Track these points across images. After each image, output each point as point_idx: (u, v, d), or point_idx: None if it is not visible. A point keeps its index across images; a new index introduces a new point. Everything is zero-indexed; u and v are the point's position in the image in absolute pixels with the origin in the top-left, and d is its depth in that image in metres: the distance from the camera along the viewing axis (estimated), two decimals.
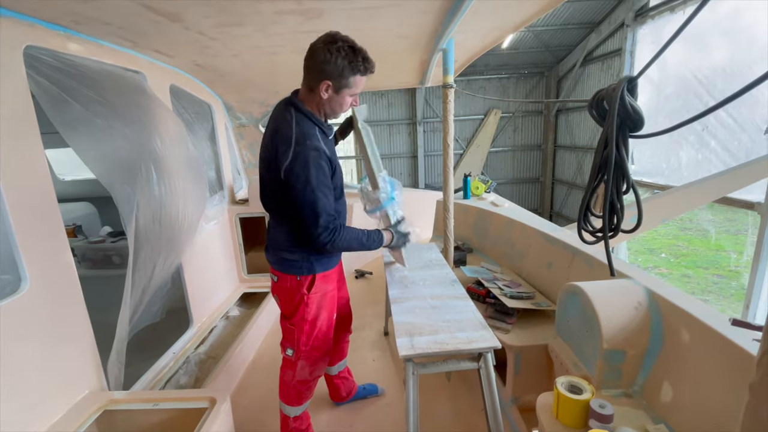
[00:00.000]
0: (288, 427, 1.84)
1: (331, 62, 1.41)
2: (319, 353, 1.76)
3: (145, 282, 1.94)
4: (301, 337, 1.69)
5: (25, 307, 1.40)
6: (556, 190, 13.01)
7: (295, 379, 1.75)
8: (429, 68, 2.87)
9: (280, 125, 1.49)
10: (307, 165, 1.42)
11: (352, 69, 1.43)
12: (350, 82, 1.47)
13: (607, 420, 1.20)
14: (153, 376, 2.13)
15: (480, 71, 12.21)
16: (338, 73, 1.43)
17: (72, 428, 1.48)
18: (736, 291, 8.05)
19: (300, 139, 1.43)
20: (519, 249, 2.64)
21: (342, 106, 1.54)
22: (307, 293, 1.64)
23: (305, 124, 1.49)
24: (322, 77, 1.44)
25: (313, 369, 1.77)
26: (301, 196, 1.44)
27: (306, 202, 1.45)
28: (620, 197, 1.38)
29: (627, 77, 1.27)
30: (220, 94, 3.36)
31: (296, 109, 1.51)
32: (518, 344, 1.87)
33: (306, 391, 1.81)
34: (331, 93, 1.48)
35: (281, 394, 1.82)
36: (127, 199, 1.77)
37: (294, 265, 1.63)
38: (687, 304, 1.33)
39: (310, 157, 1.42)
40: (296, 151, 1.42)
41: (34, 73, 1.52)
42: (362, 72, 1.47)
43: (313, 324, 1.69)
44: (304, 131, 1.46)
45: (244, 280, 3.52)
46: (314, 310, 1.68)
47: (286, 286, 1.66)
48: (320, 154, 1.45)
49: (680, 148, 7.08)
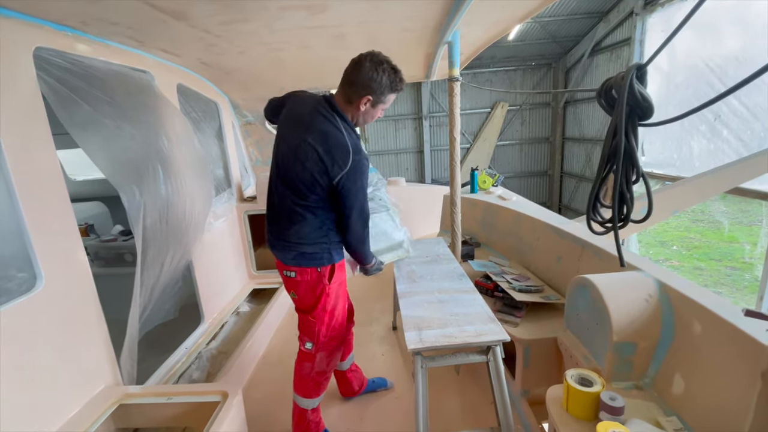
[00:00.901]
0: (306, 420, 1.88)
1: (376, 80, 1.53)
2: (336, 342, 1.83)
3: (154, 280, 1.97)
4: (321, 329, 1.75)
5: (40, 305, 1.44)
6: (565, 183, 12.88)
7: (314, 371, 1.80)
8: (434, 61, 2.84)
9: (330, 131, 1.56)
10: (363, 174, 1.58)
11: (391, 88, 1.58)
12: (387, 98, 1.62)
13: (618, 412, 1.19)
14: (166, 371, 2.17)
15: (486, 64, 12.09)
16: (380, 91, 1.56)
17: (89, 422, 1.52)
18: (750, 283, 7.91)
19: (356, 149, 1.56)
20: (528, 243, 2.62)
21: (373, 118, 1.67)
22: (327, 284, 1.70)
23: (354, 135, 1.61)
24: (365, 92, 1.55)
25: (330, 359, 1.83)
26: (354, 199, 1.59)
27: (357, 205, 1.61)
28: (630, 187, 1.37)
29: (636, 64, 1.25)
30: (227, 92, 3.38)
31: (341, 117, 1.60)
32: (527, 337, 1.87)
33: (324, 382, 1.86)
34: (368, 107, 1.60)
35: (297, 387, 1.85)
36: (135, 199, 1.79)
37: (315, 257, 1.68)
38: (698, 295, 1.31)
39: (364, 167, 1.58)
40: (354, 160, 1.54)
41: (44, 75, 1.54)
42: (398, 91, 1.62)
43: (332, 314, 1.75)
44: (355, 142, 1.59)
45: (254, 276, 3.55)
46: (333, 299, 1.74)
47: (306, 279, 1.70)
48: (367, 164, 1.61)
49: (691, 138, 6.95)
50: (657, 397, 1.35)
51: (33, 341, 1.40)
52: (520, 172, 13.24)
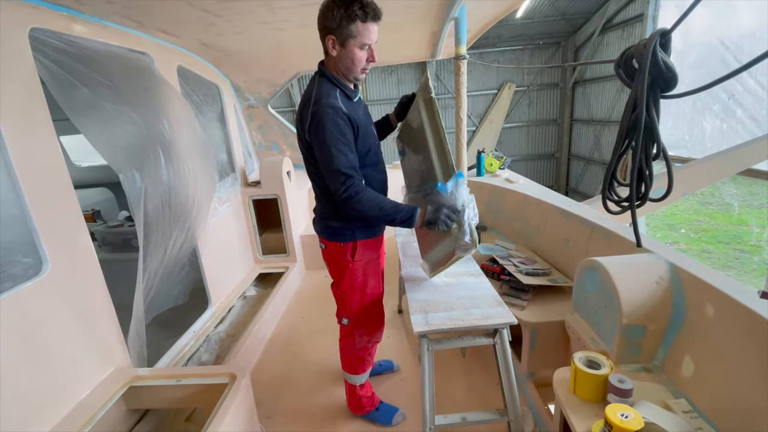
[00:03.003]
0: (356, 396, 1.93)
1: (329, 15, 1.37)
2: (373, 319, 1.82)
3: (157, 264, 1.97)
4: (353, 305, 1.75)
5: (47, 289, 1.44)
6: (573, 165, 12.70)
7: (355, 348, 1.83)
8: (440, 39, 2.76)
9: (306, 91, 1.51)
10: (322, 122, 1.41)
11: (349, 16, 1.35)
12: (352, 31, 1.38)
13: (626, 395, 1.18)
14: (175, 354, 2.20)
15: (493, 43, 11.79)
16: (337, 24, 1.37)
17: (100, 404, 1.54)
18: (759, 266, 7.84)
19: (318, 98, 1.43)
20: (535, 225, 2.59)
21: (354, 61, 1.45)
22: (351, 260, 1.68)
23: (325, 86, 1.48)
24: (325, 33, 1.42)
25: (370, 336, 1.84)
26: (321, 153, 1.44)
27: (324, 160, 1.44)
28: (649, 163, 1.30)
29: (660, 30, 1.16)
30: (228, 75, 3.32)
31: (321, 74, 1.52)
32: (534, 321, 1.86)
33: (368, 358, 1.89)
34: (338, 48, 1.43)
35: (344, 364, 1.90)
36: (135, 184, 1.78)
37: (337, 232, 1.67)
38: (711, 277, 1.28)
39: (325, 114, 1.41)
40: (314, 111, 1.42)
41: (41, 57, 1.51)
42: (362, 18, 1.37)
43: (362, 291, 1.74)
44: (322, 91, 1.45)
45: (260, 261, 3.57)
46: (361, 277, 1.72)
47: (332, 252, 1.71)
48: (336, 111, 1.42)
49: (704, 118, 6.78)
50: (666, 379, 1.33)
51: (41, 325, 1.42)
52: (526, 155, 13.06)
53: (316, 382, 2.30)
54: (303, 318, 3.04)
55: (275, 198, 3.41)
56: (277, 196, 3.40)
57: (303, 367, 2.44)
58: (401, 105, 1.84)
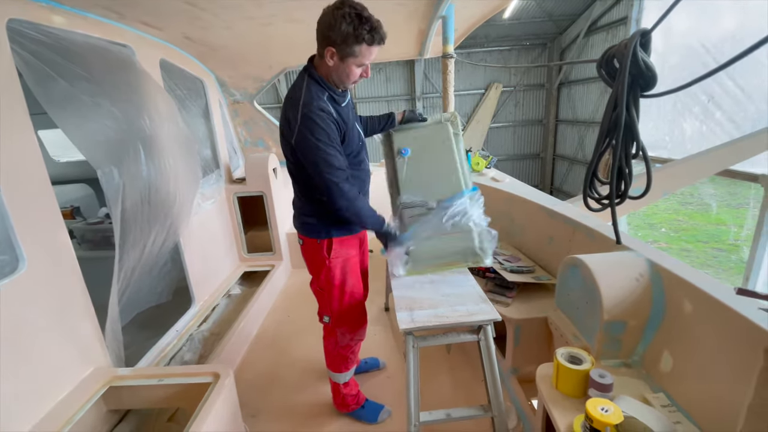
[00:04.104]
0: (340, 394, 1.93)
1: (335, 28, 1.35)
2: (354, 317, 1.82)
3: (134, 263, 1.93)
4: (332, 303, 1.75)
5: (24, 287, 1.40)
6: (557, 165, 12.90)
7: (338, 346, 1.83)
8: (428, 37, 2.77)
9: (292, 91, 1.51)
10: (313, 124, 1.42)
11: (356, 37, 1.36)
12: (355, 51, 1.39)
13: (606, 389, 1.21)
14: (157, 354, 2.16)
15: (480, 43, 11.87)
16: (342, 40, 1.37)
17: (79, 404, 1.51)
18: (736, 264, 8.09)
19: (307, 101, 1.43)
20: (519, 224, 2.62)
21: (349, 76, 1.47)
22: (328, 257, 1.68)
23: (314, 88, 1.48)
24: (326, 43, 1.41)
25: (353, 335, 1.84)
26: (311, 155, 1.45)
27: (317, 161, 1.45)
28: (629, 162, 1.33)
29: (640, 30, 1.19)
30: (213, 69, 3.27)
31: (309, 75, 1.50)
32: (518, 317, 1.88)
33: (351, 356, 1.88)
34: (336, 61, 1.43)
35: (327, 362, 1.90)
36: (113, 180, 1.74)
37: (313, 229, 1.68)
38: (690, 275, 1.31)
39: (317, 117, 1.42)
40: (303, 113, 1.42)
41: (18, 48, 1.46)
42: (368, 41, 1.38)
43: (341, 289, 1.74)
44: (311, 94, 1.46)
45: (245, 259, 3.53)
46: (339, 275, 1.72)
47: (310, 248, 1.72)
48: (327, 114, 1.44)
49: (684, 120, 6.94)
50: (645, 374, 1.37)
51: (18, 324, 1.37)
52: (512, 155, 13.21)
53: (301, 380, 2.29)
54: (289, 316, 3.02)
55: (261, 195, 3.37)
56: (263, 193, 3.36)
57: (288, 366, 2.42)
58: (409, 119, 1.95)
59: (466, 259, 1.74)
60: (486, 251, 1.69)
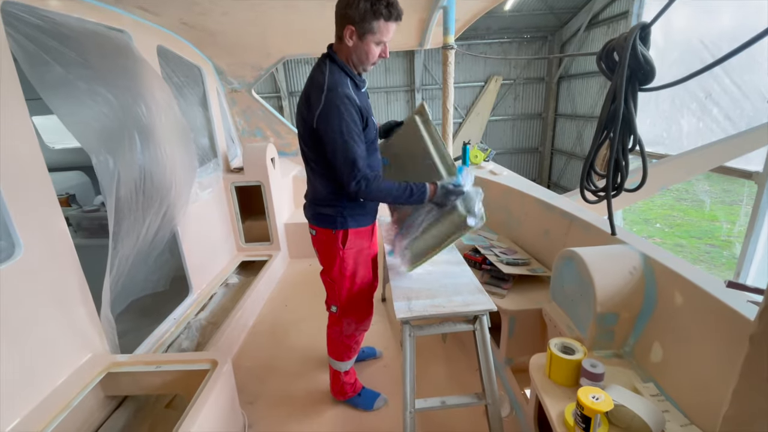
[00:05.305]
0: (339, 382, 1.96)
1: (352, 6, 1.37)
2: (361, 308, 1.83)
3: (129, 251, 1.92)
4: (342, 293, 1.76)
5: (21, 273, 1.40)
6: (555, 160, 12.91)
7: (342, 335, 1.85)
8: (428, 28, 2.75)
9: (314, 74, 1.50)
10: (338, 111, 1.41)
11: (374, 13, 1.37)
12: (373, 27, 1.40)
13: (597, 378, 1.23)
14: (155, 341, 2.17)
15: (481, 35, 11.78)
16: (360, 17, 1.38)
17: (76, 390, 1.52)
18: (728, 260, 8.19)
19: (332, 86, 1.42)
20: (516, 217, 2.63)
21: (368, 56, 1.47)
22: (342, 248, 1.68)
23: (337, 73, 1.47)
24: (345, 22, 1.41)
25: (358, 325, 1.85)
26: (333, 142, 1.44)
27: (338, 149, 1.44)
28: (626, 155, 1.35)
29: (640, 24, 1.19)
30: (211, 57, 3.23)
31: (330, 59, 1.50)
32: (513, 308, 1.90)
33: (354, 345, 1.90)
34: (355, 40, 1.43)
35: (330, 350, 1.92)
36: (108, 168, 1.73)
37: (329, 220, 1.66)
38: (682, 268, 1.34)
39: (342, 104, 1.41)
40: (327, 98, 1.41)
41: (14, 32, 1.44)
42: (386, 17, 1.39)
43: (352, 280, 1.75)
44: (335, 79, 1.45)
45: (242, 248, 3.53)
46: (351, 265, 1.72)
47: (323, 239, 1.70)
48: (351, 102, 1.44)
49: (681, 116, 6.96)
50: (635, 364, 1.39)
51: (14, 309, 1.38)
52: (511, 149, 13.20)
53: (299, 368, 2.32)
54: (287, 305, 3.04)
55: (258, 185, 3.36)
56: (261, 183, 3.35)
57: (286, 354, 2.45)
58: (387, 128, 1.92)
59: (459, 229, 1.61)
60: (472, 210, 1.61)
